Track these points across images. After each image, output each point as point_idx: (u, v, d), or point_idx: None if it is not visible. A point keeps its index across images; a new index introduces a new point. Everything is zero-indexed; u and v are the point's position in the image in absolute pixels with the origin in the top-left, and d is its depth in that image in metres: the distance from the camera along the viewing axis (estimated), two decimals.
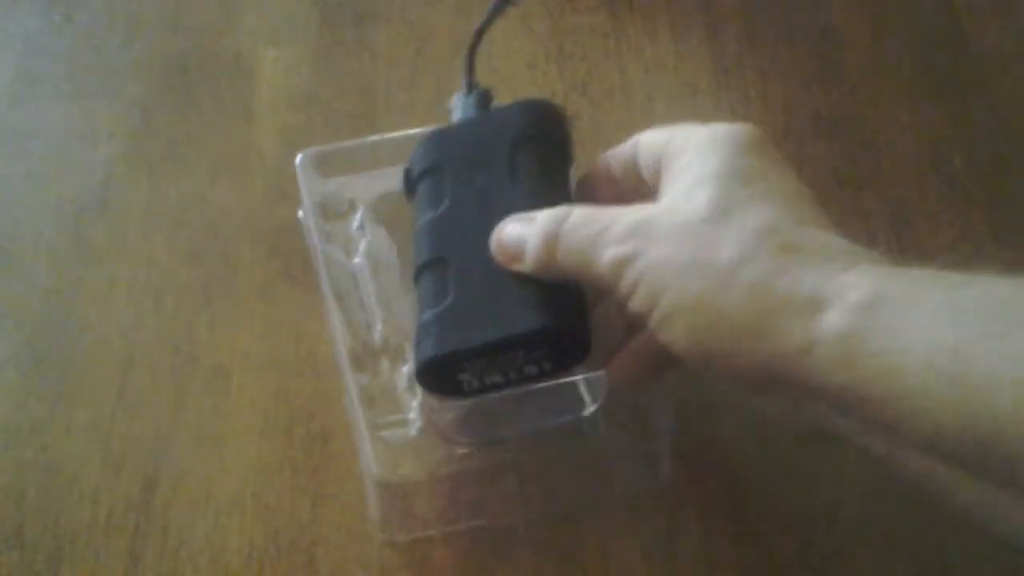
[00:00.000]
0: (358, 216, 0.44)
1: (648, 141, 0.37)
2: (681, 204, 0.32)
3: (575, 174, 0.40)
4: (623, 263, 0.32)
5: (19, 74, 0.54)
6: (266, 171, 0.51)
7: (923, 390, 0.26)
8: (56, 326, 0.46)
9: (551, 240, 0.34)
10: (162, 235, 0.49)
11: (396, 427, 0.39)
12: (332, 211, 0.44)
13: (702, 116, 0.52)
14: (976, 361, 0.25)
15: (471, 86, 0.43)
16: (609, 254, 0.32)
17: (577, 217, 0.34)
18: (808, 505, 0.42)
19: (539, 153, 0.39)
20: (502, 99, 0.52)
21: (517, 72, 0.54)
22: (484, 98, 0.42)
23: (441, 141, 0.41)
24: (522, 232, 0.35)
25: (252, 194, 0.50)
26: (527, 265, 0.35)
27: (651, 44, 0.56)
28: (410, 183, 0.41)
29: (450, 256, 0.37)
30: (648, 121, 0.52)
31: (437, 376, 0.36)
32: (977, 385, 0.25)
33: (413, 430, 0.39)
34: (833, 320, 0.28)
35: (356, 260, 0.43)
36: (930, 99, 0.53)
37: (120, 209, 0.49)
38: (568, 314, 0.36)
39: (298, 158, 0.44)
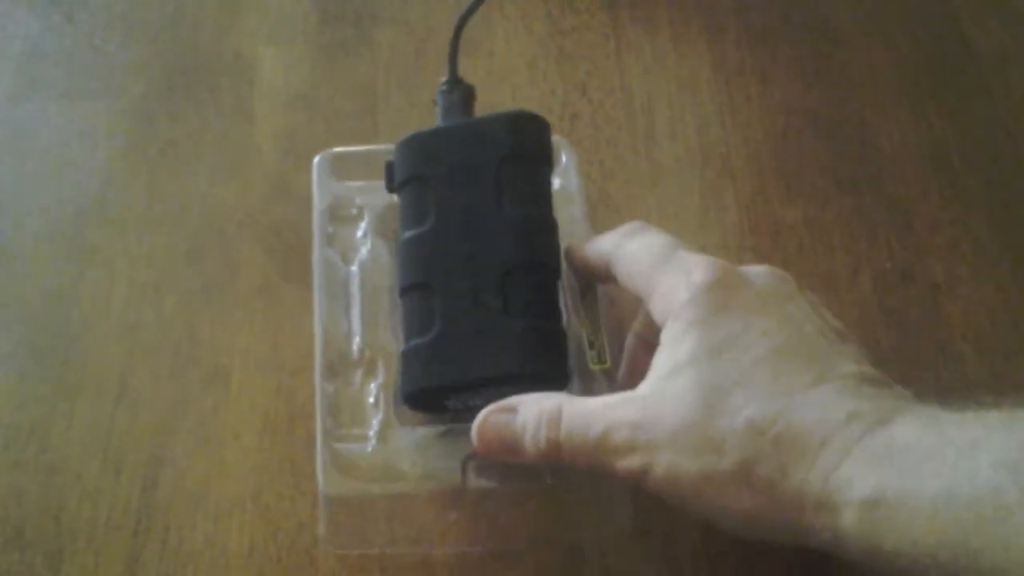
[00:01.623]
0: (363, 224, 0.44)
1: (627, 272, 0.38)
2: (668, 400, 0.33)
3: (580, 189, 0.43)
4: (637, 476, 0.34)
5: (19, 74, 0.54)
6: (266, 171, 0.50)
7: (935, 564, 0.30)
8: (56, 326, 0.46)
9: (552, 448, 0.35)
10: (162, 235, 0.49)
11: (353, 440, 0.39)
12: (341, 214, 0.44)
13: (702, 116, 0.53)
14: (980, 554, 0.28)
15: (454, 81, 0.43)
16: (620, 467, 0.34)
17: (569, 422, 0.34)
18: None
19: (524, 175, 0.40)
20: (501, 98, 0.52)
21: (517, 72, 0.54)
22: (468, 95, 0.43)
23: (426, 147, 0.41)
24: (506, 429, 0.36)
25: (252, 194, 0.50)
26: (526, 460, 0.36)
27: (651, 44, 0.56)
28: (391, 181, 0.41)
29: (435, 282, 0.38)
30: (648, 121, 0.53)
31: (424, 402, 0.39)
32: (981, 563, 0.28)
33: (369, 447, 0.38)
34: (846, 520, 0.31)
35: (352, 268, 0.43)
36: (930, 99, 0.53)
37: (120, 209, 0.49)
38: (549, 355, 0.38)
39: (316, 159, 0.45)
